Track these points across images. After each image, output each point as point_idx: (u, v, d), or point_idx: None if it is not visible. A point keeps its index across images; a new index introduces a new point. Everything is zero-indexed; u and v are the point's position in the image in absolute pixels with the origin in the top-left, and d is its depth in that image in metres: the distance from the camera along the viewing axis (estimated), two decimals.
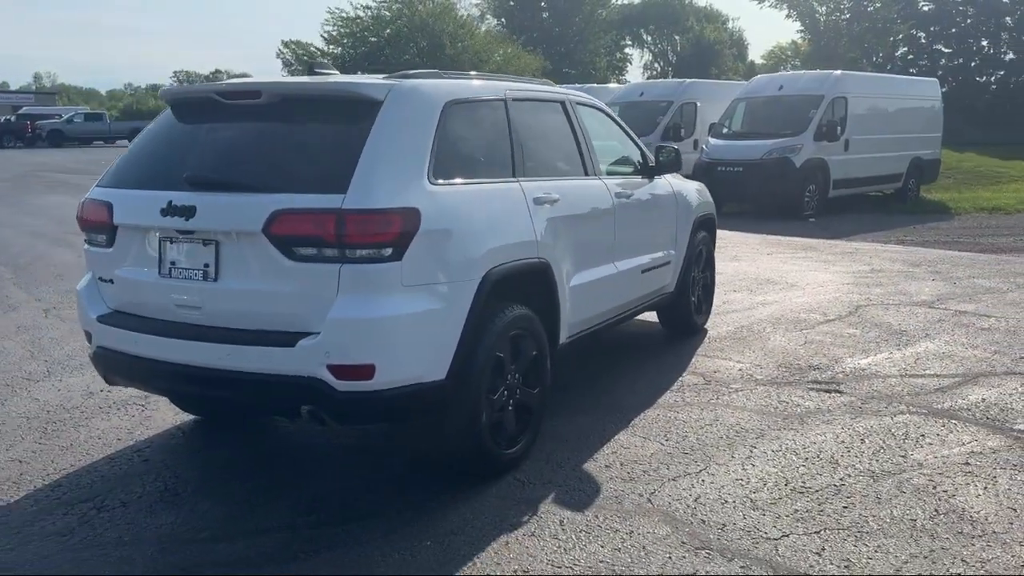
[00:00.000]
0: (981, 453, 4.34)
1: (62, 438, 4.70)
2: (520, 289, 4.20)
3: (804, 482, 4.04)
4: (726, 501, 3.85)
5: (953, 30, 50.23)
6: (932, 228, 14.01)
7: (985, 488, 3.93)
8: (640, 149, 5.92)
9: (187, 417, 5.01)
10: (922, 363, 5.92)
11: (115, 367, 4.04)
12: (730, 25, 65.68)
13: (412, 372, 3.60)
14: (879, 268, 9.80)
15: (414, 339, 3.59)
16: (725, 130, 16.43)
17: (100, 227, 4.01)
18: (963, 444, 4.47)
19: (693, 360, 6.10)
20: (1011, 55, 49.59)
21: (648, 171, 5.86)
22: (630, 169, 5.75)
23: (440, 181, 3.77)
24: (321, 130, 3.76)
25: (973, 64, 50.00)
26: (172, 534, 3.62)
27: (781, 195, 14.75)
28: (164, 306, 3.82)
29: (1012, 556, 3.34)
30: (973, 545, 3.42)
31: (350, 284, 3.45)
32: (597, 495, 3.93)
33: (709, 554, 3.39)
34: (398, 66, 30.69)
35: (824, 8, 53.07)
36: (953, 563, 3.28)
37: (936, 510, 3.73)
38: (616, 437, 4.64)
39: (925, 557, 3.34)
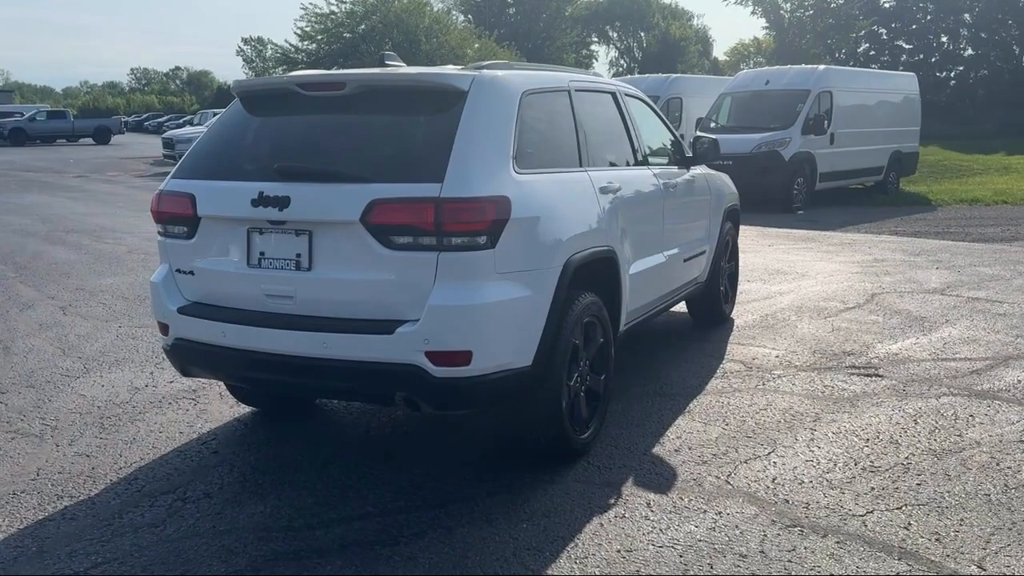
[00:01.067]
0: None
1: (123, 433, 4.67)
2: (591, 277, 4.26)
3: (872, 462, 4.16)
4: (802, 481, 3.95)
5: (914, 26, 51.30)
6: (919, 219, 14.33)
7: None
8: (677, 139, 6.02)
9: (243, 410, 5.00)
10: (950, 348, 6.10)
11: (195, 358, 4.04)
12: (695, 22, 66.28)
13: (504, 358, 3.65)
14: (881, 258, 10.03)
15: (507, 326, 3.64)
16: (713, 124, 16.65)
17: (180, 219, 4.00)
18: (1012, 423, 4.63)
19: (729, 348, 6.22)
20: (970, 51, 50.81)
21: (685, 161, 5.96)
22: (669, 159, 5.84)
23: (523, 170, 3.83)
24: (409, 120, 3.79)
25: (933, 60, 51.07)
26: (266, 524, 3.63)
27: (770, 188, 14.99)
28: (253, 296, 3.82)
29: None
30: None
31: (447, 272, 3.49)
32: (675, 478, 4.02)
33: (802, 531, 3.49)
34: (376, 64, 30.53)
35: (788, 4, 53.76)
36: None
37: (1006, 485, 3.87)
38: (676, 422, 4.73)
39: (1009, 529, 3.47)
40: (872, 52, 52.21)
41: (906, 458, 4.20)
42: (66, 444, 4.53)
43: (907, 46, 51.57)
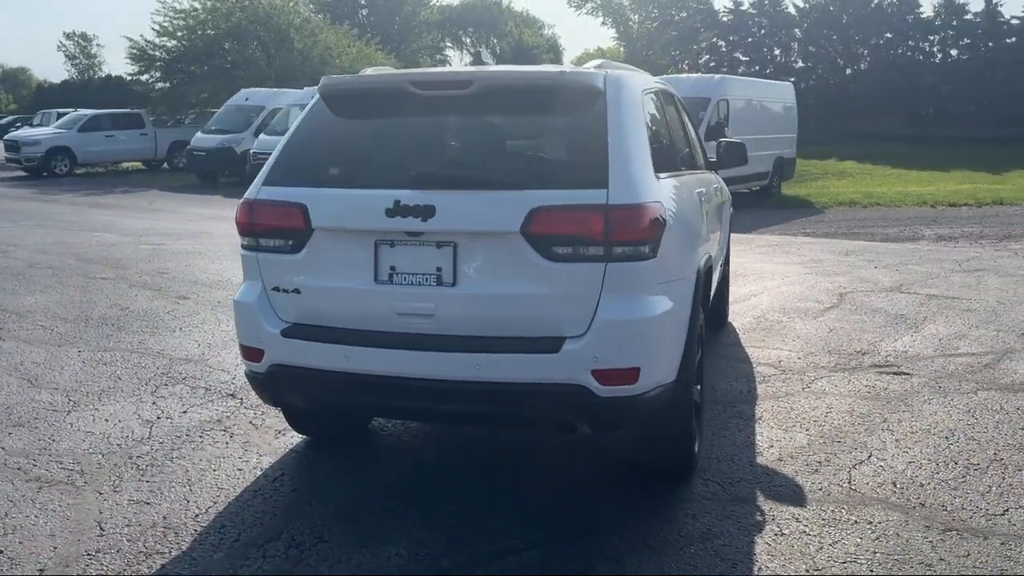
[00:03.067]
0: None
1: (168, 474, 4.10)
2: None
3: (968, 459, 4.25)
4: (922, 484, 3.98)
5: (750, 39, 54.42)
6: (817, 221, 15.12)
7: None
8: (702, 143, 6.00)
9: (291, 439, 4.53)
10: (947, 344, 6.40)
11: (301, 386, 3.59)
12: (546, 31, 67.64)
13: (662, 374, 3.45)
14: (818, 259, 10.47)
15: (666, 339, 3.46)
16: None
17: (286, 231, 3.53)
18: None
19: (747, 351, 6.25)
20: (800, 63, 54.54)
21: (711, 164, 5.94)
22: (705, 163, 5.80)
23: (657, 173, 3.64)
24: (549, 121, 3.53)
25: (768, 71, 54.47)
26: (406, 565, 3.27)
27: None
28: (380, 315, 3.42)
29: None
30: None
31: (615, 284, 3.26)
32: (800, 489, 3.95)
33: (960, 534, 3.50)
34: (244, 61, 29.08)
35: (636, 16, 55.86)
36: None
37: None
38: (757, 430, 4.67)
39: None
40: (712, 64, 54.98)
41: (995, 453, 4.32)
42: (110, 491, 3.92)
43: (744, 58, 54.61)
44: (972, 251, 11.15)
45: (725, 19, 54.73)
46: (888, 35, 49.24)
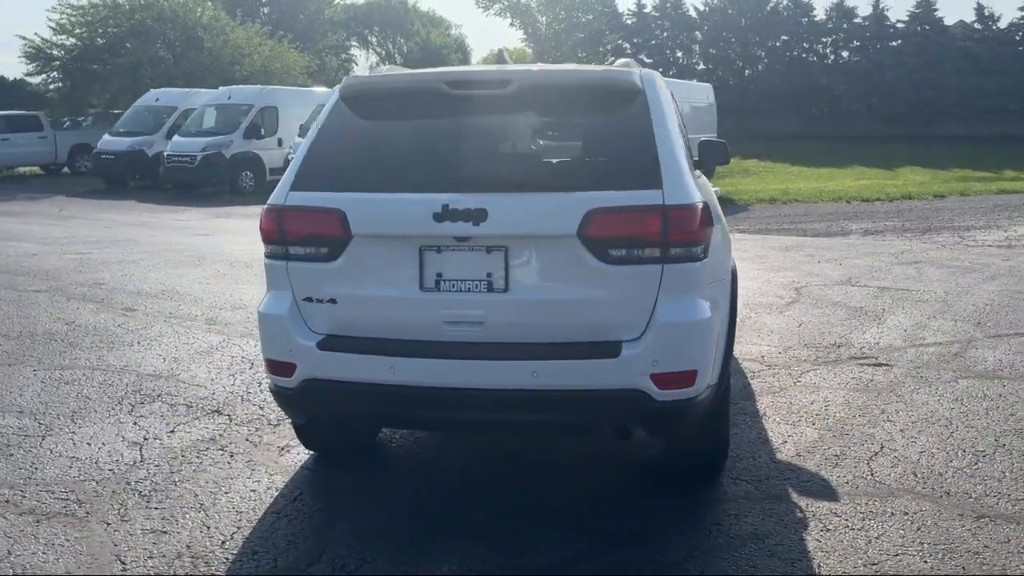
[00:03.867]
0: None
1: (176, 499, 3.84)
2: None
3: (973, 446, 4.39)
4: (940, 473, 4.07)
5: (653, 42, 55.66)
6: (747, 218, 15.50)
7: None
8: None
9: (298, 456, 4.31)
10: (913, 335, 6.62)
11: (338, 400, 3.40)
12: (454, 31, 67.34)
13: (711, 376, 3.43)
14: (762, 255, 10.72)
15: (716, 341, 3.42)
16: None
17: (321, 239, 3.35)
18: None
19: None
20: (702, 65, 56.05)
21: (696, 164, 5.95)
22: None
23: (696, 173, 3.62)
24: (590, 121, 3.47)
25: (671, 73, 55.80)
26: None
27: None
28: (426, 324, 3.28)
29: None
30: None
31: (671, 286, 3.22)
32: (827, 482, 3.99)
33: (993, 521, 3.59)
34: (149, 60, 27.75)
35: (544, 18, 56.28)
36: None
37: None
38: (765, 427, 4.71)
39: None
40: None
41: (996, 439, 4.47)
42: (118, 521, 3.64)
43: (648, 60, 55.66)
44: (902, 244, 11.63)
45: (629, 22, 55.80)
46: (784, 37, 51.08)
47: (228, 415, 4.94)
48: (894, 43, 47.44)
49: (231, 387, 5.45)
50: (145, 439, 4.58)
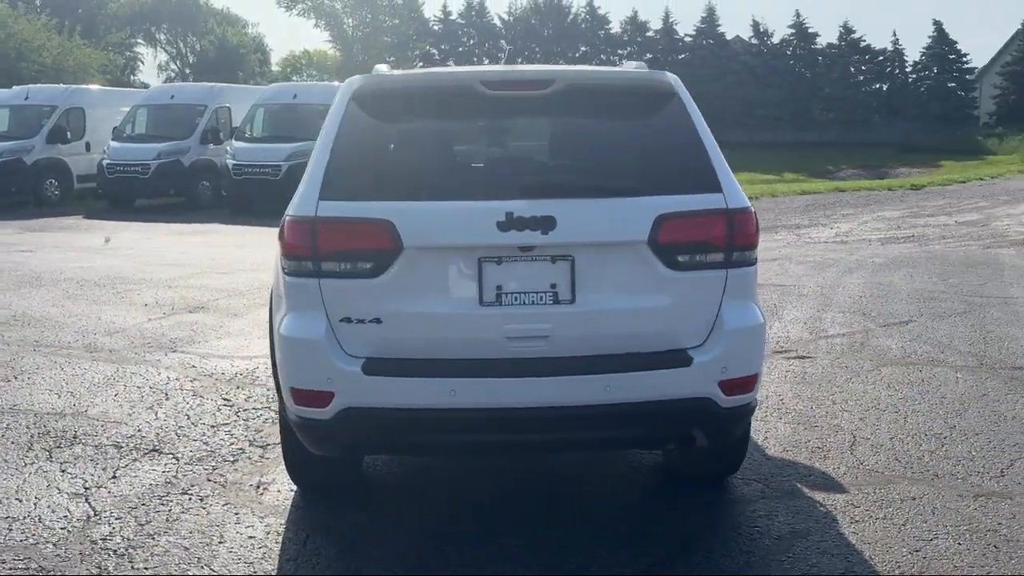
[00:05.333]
0: (990, 379, 5.46)
1: (164, 557, 3.35)
2: None
3: (930, 430, 4.67)
4: (919, 458, 4.30)
5: (460, 49, 56.21)
6: None
7: None
8: None
9: (280, 494, 3.90)
10: (815, 327, 7.03)
11: (380, 429, 3.08)
12: (250, 30, 64.47)
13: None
14: None
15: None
16: (248, 134, 17.56)
17: (365, 253, 3.02)
18: (956, 380, 5.54)
19: None
20: None
21: None
22: None
23: None
24: (634, 124, 3.34)
25: None
26: None
27: None
28: (487, 341, 3.03)
29: None
30: None
31: (733, 291, 3.20)
32: (826, 475, 4.12)
33: (989, 499, 3.84)
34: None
35: (351, 20, 55.28)
36: None
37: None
38: None
39: None
40: None
41: (946, 422, 4.80)
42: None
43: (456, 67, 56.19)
44: None
45: (436, 28, 56.00)
46: (584, 48, 53.24)
47: (171, 454, 4.37)
48: (682, 56, 50.66)
49: (155, 422, 4.83)
50: (86, 488, 3.95)
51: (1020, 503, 3.78)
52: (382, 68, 3.69)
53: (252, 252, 11.63)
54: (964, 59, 47.99)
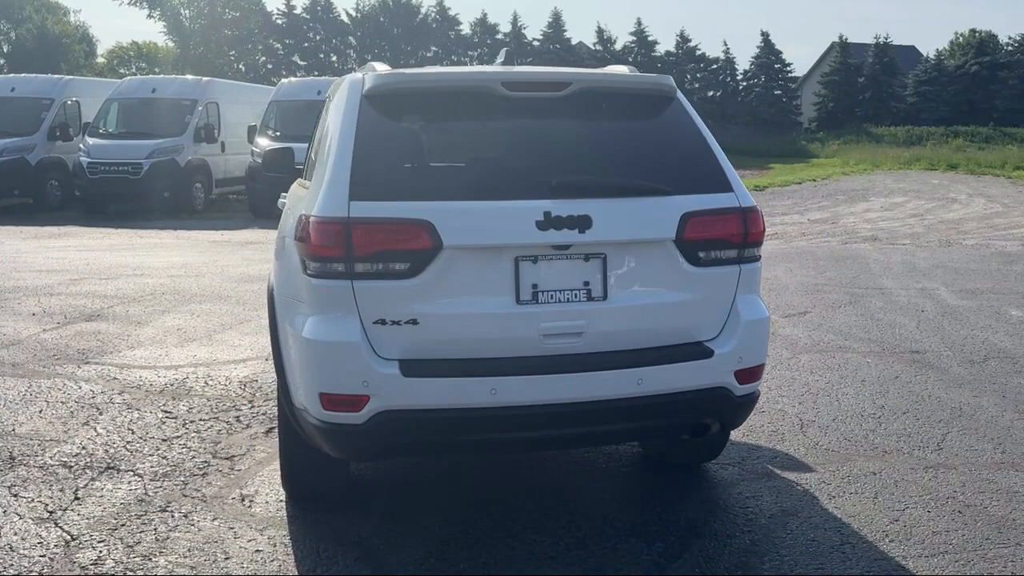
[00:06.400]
0: (896, 363, 5.96)
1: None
2: None
3: (863, 411, 5.06)
4: (865, 437, 4.66)
5: (306, 44, 54.86)
6: None
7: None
8: None
9: (270, 506, 3.75)
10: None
11: (418, 431, 3.04)
12: (72, 18, 60.18)
13: None
14: None
15: None
16: (102, 130, 16.93)
17: (402, 253, 2.97)
18: (875, 365, 6.03)
19: None
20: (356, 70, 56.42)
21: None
22: None
23: None
24: (644, 125, 3.46)
25: (327, 75, 55.44)
26: None
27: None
28: (524, 339, 3.06)
29: None
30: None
31: (745, 285, 3.40)
32: (789, 456, 4.40)
33: (939, 470, 4.22)
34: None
35: (188, 11, 52.66)
36: None
37: (930, 394, 5.17)
38: None
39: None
40: (270, 66, 54.25)
41: (874, 403, 5.22)
42: None
43: (302, 62, 54.76)
44: None
45: (280, 22, 54.35)
46: (434, 48, 53.30)
47: (131, 471, 4.10)
48: (529, 60, 51.68)
49: (98, 439, 4.51)
50: (49, 512, 3.64)
51: (964, 472, 4.19)
52: (379, 66, 3.61)
53: (127, 256, 10.95)
54: (788, 68, 51.68)
